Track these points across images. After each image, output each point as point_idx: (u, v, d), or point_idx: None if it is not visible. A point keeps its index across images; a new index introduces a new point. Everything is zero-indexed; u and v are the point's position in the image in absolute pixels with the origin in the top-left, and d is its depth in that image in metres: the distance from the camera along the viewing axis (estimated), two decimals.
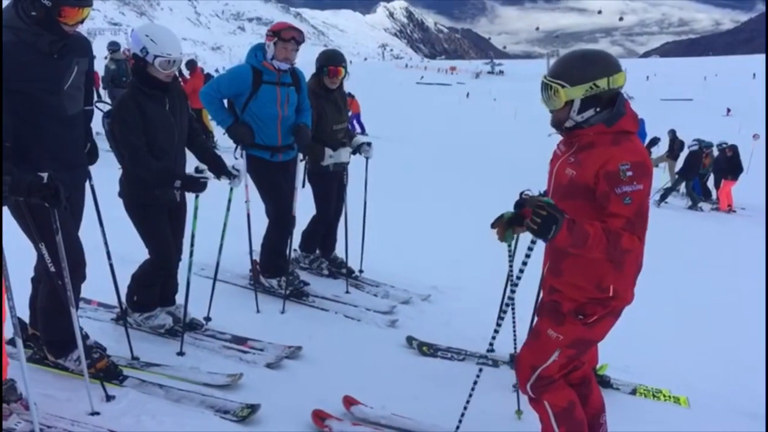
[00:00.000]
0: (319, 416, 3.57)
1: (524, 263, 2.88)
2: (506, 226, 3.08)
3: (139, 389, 3.60)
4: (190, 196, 4.19)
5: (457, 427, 3.34)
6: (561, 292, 3.00)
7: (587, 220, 2.70)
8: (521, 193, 3.74)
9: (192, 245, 4.21)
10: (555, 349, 3.00)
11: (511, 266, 3.16)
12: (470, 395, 3.26)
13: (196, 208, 4.11)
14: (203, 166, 4.07)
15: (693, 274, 8.46)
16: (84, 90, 3.54)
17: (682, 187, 16.96)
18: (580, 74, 2.80)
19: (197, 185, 3.95)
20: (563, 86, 2.80)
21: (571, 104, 2.84)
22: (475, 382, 3.25)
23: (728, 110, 46.50)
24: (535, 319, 3.14)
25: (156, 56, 3.84)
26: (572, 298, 2.96)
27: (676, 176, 16.77)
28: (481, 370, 3.25)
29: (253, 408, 3.51)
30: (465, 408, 3.30)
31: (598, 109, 2.84)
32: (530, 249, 2.83)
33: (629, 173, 2.69)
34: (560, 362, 3.03)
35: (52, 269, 3.19)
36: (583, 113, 2.86)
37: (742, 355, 5.64)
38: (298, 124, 5.18)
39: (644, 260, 3.02)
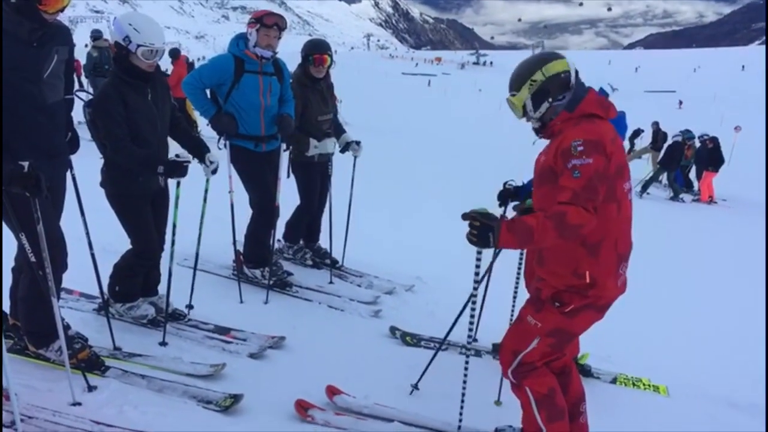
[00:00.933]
0: (302, 406, 3.58)
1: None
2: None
3: (121, 380, 3.59)
4: (171, 186, 4.17)
5: (460, 420, 3.34)
6: (544, 280, 3.09)
7: (531, 214, 2.79)
8: (504, 184, 3.78)
9: (174, 235, 4.20)
10: (535, 336, 3.06)
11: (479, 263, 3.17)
12: (464, 386, 3.26)
13: (177, 197, 4.10)
14: (184, 152, 4.04)
15: (674, 264, 8.55)
16: (64, 79, 3.51)
17: (664, 178, 17.10)
18: (518, 78, 3.08)
19: (179, 170, 3.92)
20: (513, 95, 3.08)
21: (526, 107, 3.07)
22: (465, 374, 3.27)
23: (680, 102, 46.83)
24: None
25: (139, 45, 3.80)
26: (552, 285, 3.03)
27: (658, 167, 16.90)
28: (467, 361, 3.27)
29: (235, 398, 3.51)
30: (462, 400, 3.29)
31: (550, 100, 3.01)
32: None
33: (580, 148, 2.79)
34: (541, 350, 3.08)
35: (33, 259, 3.16)
36: (538, 108, 3.05)
37: (722, 345, 5.72)
38: (281, 114, 5.16)
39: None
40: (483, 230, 2.66)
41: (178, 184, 4.05)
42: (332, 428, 3.48)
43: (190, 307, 4.66)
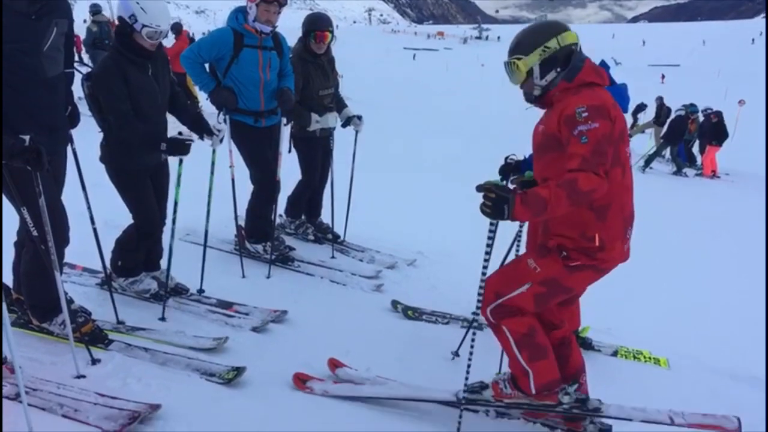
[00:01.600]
0: (301, 379, 3.62)
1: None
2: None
3: (124, 353, 3.61)
4: (172, 162, 4.16)
5: (464, 395, 3.29)
6: (551, 232, 3.11)
7: (542, 185, 2.78)
8: (506, 158, 3.76)
9: (174, 212, 4.19)
10: (527, 280, 3.06)
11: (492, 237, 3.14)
12: (469, 360, 3.24)
13: (179, 175, 4.08)
14: (186, 130, 4.03)
15: (676, 238, 8.54)
16: (64, 52, 3.48)
17: (667, 153, 17.03)
18: (530, 42, 3.02)
19: (182, 147, 3.91)
20: (520, 58, 3.01)
21: (532, 73, 3.03)
22: (471, 349, 3.22)
23: (662, 76, 46.39)
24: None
25: (144, 26, 3.79)
26: (560, 233, 3.05)
27: (661, 141, 16.82)
28: (474, 334, 3.25)
29: (238, 371, 3.53)
30: (467, 374, 3.23)
31: (558, 70, 2.99)
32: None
33: (585, 114, 2.80)
34: (526, 298, 3.07)
35: (35, 233, 3.17)
36: (545, 76, 3.02)
37: (723, 317, 5.73)
38: (281, 88, 5.13)
39: None
40: (498, 202, 2.65)
41: (181, 161, 4.03)
42: (331, 396, 3.52)
43: (201, 291, 4.64)
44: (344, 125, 5.93)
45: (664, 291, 6.21)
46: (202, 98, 9.13)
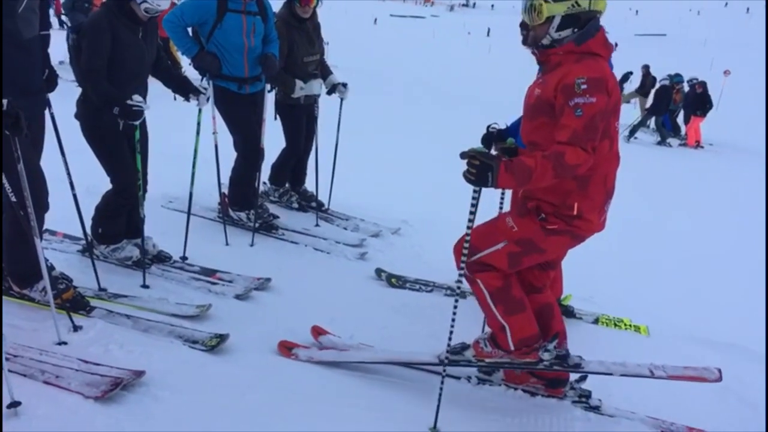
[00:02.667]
0: (286, 346, 3.63)
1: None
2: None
3: (106, 320, 3.59)
4: (150, 127, 4.10)
5: (446, 355, 3.30)
6: (532, 197, 3.09)
7: (551, 139, 2.76)
8: (488, 127, 3.74)
9: (139, 180, 4.13)
10: (503, 238, 3.06)
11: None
12: (451, 328, 3.25)
13: (136, 141, 4.02)
14: (139, 98, 3.94)
15: (658, 207, 8.62)
16: (39, 14, 3.40)
17: (652, 123, 17.07)
18: None
19: (132, 113, 3.84)
20: (546, 1, 2.86)
21: (551, 21, 2.89)
22: (453, 317, 3.17)
23: (615, 45, 46.40)
24: None
25: (145, 1, 3.79)
26: (539, 197, 3.04)
27: (645, 111, 16.85)
28: (457, 301, 3.27)
29: (221, 338, 3.54)
30: (449, 341, 3.21)
31: (575, 30, 2.90)
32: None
33: (584, 86, 2.76)
34: (500, 255, 3.08)
35: (14, 199, 3.12)
36: (561, 31, 2.91)
37: (703, 286, 5.82)
38: (265, 53, 5.05)
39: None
40: (482, 169, 2.65)
41: (136, 127, 3.97)
42: (315, 363, 3.54)
43: (184, 258, 4.61)
44: (329, 92, 5.87)
45: (645, 260, 6.28)
46: (185, 63, 9.01)
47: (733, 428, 3.57)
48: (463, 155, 2.72)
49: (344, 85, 5.83)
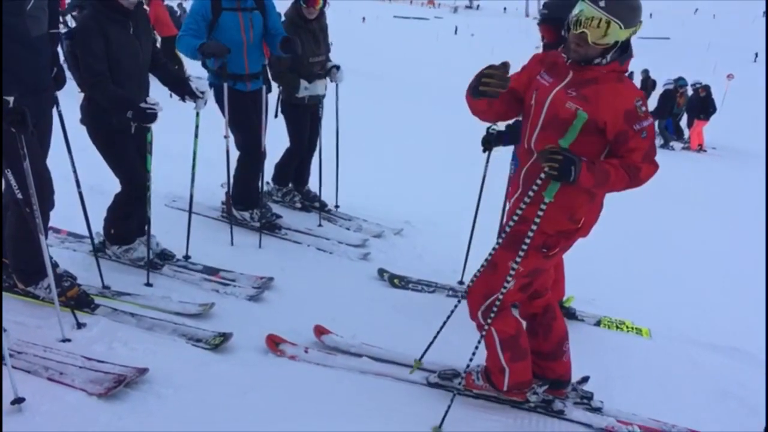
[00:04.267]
0: (273, 341, 3.65)
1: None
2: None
3: (110, 317, 3.61)
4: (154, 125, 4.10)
5: (422, 356, 3.46)
6: (530, 221, 2.94)
7: (584, 155, 2.78)
8: (488, 129, 3.74)
9: (148, 180, 4.12)
10: (512, 279, 3.05)
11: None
12: (441, 327, 3.32)
13: (149, 143, 4.01)
14: (155, 99, 3.94)
15: (661, 210, 8.61)
16: (48, 12, 3.42)
17: (655, 126, 17.06)
18: (632, 17, 2.75)
19: (146, 116, 3.81)
20: (620, 26, 2.72)
21: (614, 45, 2.78)
22: (449, 315, 3.33)
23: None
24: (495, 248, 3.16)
25: None
26: (543, 230, 2.97)
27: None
28: (459, 301, 3.30)
29: (225, 336, 3.55)
30: (434, 339, 3.40)
31: (619, 52, 2.85)
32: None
33: (643, 108, 2.83)
34: (513, 291, 3.11)
35: (20, 196, 3.14)
36: (620, 54, 2.84)
37: (705, 289, 5.81)
38: (283, 36, 5.01)
39: (614, 196, 3.08)
40: (566, 163, 2.69)
41: (149, 129, 3.97)
42: (313, 363, 3.55)
43: (187, 257, 4.60)
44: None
45: (648, 263, 6.28)
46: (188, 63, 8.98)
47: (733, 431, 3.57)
48: (543, 153, 2.77)
49: (337, 67, 5.74)
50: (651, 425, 3.39)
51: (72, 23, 12.87)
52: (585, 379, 3.51)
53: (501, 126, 3.73)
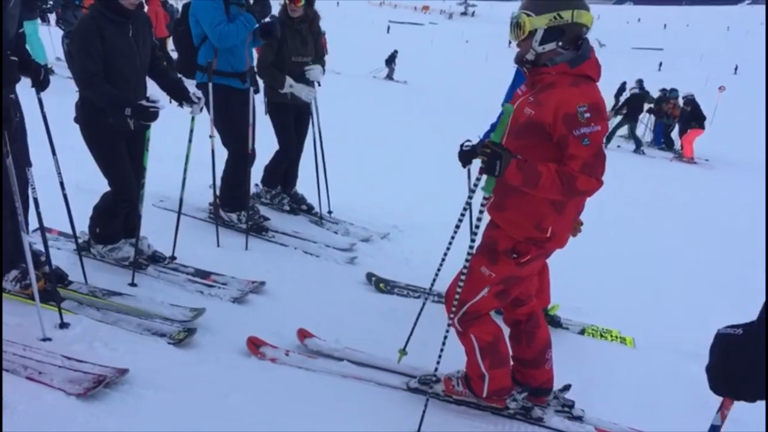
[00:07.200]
0: (254, 343, 3.64)
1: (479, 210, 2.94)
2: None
3: (92, 317, 3.58)
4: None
5: (405, 345, 3.52)
6: (500, 228, 3.05)
7: (540, 161, 2.74)
8: (462, 145, 3.73)
9: (143, 178, 4.12)
10: (485, 285, 3.07)
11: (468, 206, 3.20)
12: (413, 328, 3.35)
13: (147, 140, 4.01)
14: (156, 97, 3.93)
15: (648, 220, 8.66)
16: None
17: (625, 129, 17.36)
18: (545, 4, 2.83)
19: (147, 114, 3.82)
20: (528, 15, 2.83)
21: (533, 34, 2.85)
22: (418, 316, 3.43)
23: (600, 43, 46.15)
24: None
25: None
26: (509, 236, 3.01)
27: (619, 119, 17.10)
28: (424, 304, 3.36)
29: (189, 332, 3.55)
30: (408, 338, 3.49)
31: (560, 44, 2.85)
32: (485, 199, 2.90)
33: (587, 115, 2.72)
34: (488, 299, 3.11)
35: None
36: (544, 44, 2.86)
37: (690, 299, 5.82)
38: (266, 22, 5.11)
39: (598, 204, 3.08)
40: (493, 157, 2.68)
41: (148, 127, 3.97)
42: (294, 366, 3.54)
43: (173, 258, 4.57)
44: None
45: (633, 272, 6.30)
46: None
47: None
48: (478, 149, 2.77)
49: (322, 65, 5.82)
50: None
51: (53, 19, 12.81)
52: (567, 387, 3.51)
53: (473, 140, 3.72)
